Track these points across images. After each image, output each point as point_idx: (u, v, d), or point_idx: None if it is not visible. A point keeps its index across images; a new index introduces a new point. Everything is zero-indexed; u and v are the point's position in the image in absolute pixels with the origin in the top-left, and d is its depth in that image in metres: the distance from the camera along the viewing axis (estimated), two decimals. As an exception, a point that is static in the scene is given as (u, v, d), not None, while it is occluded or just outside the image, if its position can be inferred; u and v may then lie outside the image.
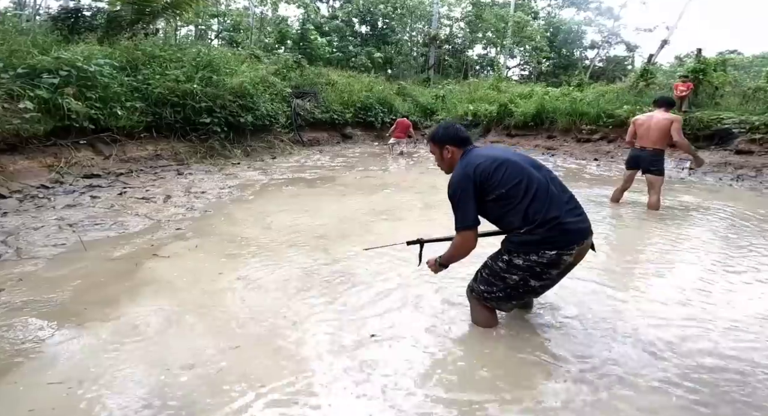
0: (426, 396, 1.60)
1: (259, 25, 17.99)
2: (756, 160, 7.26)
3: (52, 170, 4.81)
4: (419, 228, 3.68)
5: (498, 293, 1.90)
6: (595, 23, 26.24)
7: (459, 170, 1.85)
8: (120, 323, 2.07)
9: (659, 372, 1.76)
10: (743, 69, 14.13)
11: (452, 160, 1.96)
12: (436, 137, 2.00)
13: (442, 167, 2.06)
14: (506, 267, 1.83)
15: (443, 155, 1.98)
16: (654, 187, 4.46)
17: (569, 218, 1.76)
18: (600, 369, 1.77)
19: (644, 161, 4.44)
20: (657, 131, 4.31)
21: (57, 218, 3.70)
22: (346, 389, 1.63)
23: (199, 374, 1.69)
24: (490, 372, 1.74)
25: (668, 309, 2.31)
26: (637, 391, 1.64)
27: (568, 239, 1.75)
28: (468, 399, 1.58)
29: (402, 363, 1.79)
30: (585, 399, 1.59)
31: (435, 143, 2.00)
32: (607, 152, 9.10)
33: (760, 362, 1.84)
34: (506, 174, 1.76)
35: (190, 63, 7.37)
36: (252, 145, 8.09)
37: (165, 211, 4.11)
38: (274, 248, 3.15)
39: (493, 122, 11.77)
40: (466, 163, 1.84)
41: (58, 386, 1.60)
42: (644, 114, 4.64)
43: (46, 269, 2.70)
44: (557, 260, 1.75)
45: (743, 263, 3.04)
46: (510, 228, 1.81)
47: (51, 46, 5.82)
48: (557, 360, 1.82)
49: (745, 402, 1.59)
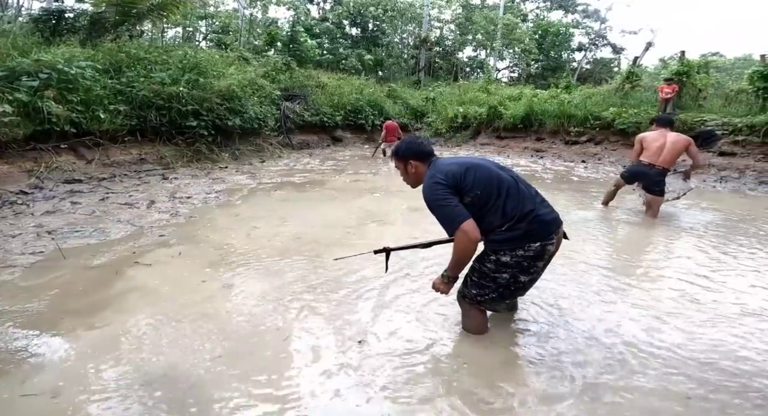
0: (413, 399, 1.58)
1: (249, 27, 17.85)
2: (738, 161, 7.39)
3: (32, 175, 4.69)
4: (407, 232, 3.67)
5: (491, 294, 1.90)
6: (582, 26, 26.64)
7: (428, 181, 1.83)
8: (99, 332, 2.02)
9: (644, 374, 1.76)
10: (725, 71, 14.45)
11: (417, 174, 1.94)
12: (400, 152, 1.98)
13: (408, 182, 2.04)
14: (495, 267, 1.84)
15: (407, 169, 1.96)
16: (652, 207, 4.34)
17: (542, 210, 1.83)
18: (588, 371, 1.76)
19: (648, 179, 4.26)
20: (673, 151, 4.11)
21: (35, 224, 3.60)
22: (331, 395, 1.60)
23: (181, 383, 1.66)
24: (480, 376, 1.73)
25: (654, 310, 2.32)
26: (625, 394, 1.64)
27: (548, 230, 1.82)
28: (456, 401, 1.57)
29: (390, 367, 1.77)
30: (571, 402, 1.58)
31: (399, 159, 1.98)
32: (594, 154, 9.20)
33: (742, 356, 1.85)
34: (477, 176, 1.79)
35: (177, 65, 7.27)
36: (240, 148, 8.00)
37: (148, 217, 4.03)
38: (260, 255, 3.10)
39: (482, 124, 11.84)
40: (433, 173, 1.83)
41: (34, 398, 1.56)
42: (651, 132, 4.35)
43: (23, 277, 2.63)
44: (542, 252, 1.81)
45: (728, 264, 3.08)
46: (491, 228, 1.79)
47: (31, 48, 5.70)
48: (545, 362, 1.82)
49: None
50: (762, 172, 7.00)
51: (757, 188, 6.48)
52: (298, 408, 1.55)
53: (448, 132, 12.55)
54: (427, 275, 2.71)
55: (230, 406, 1.55)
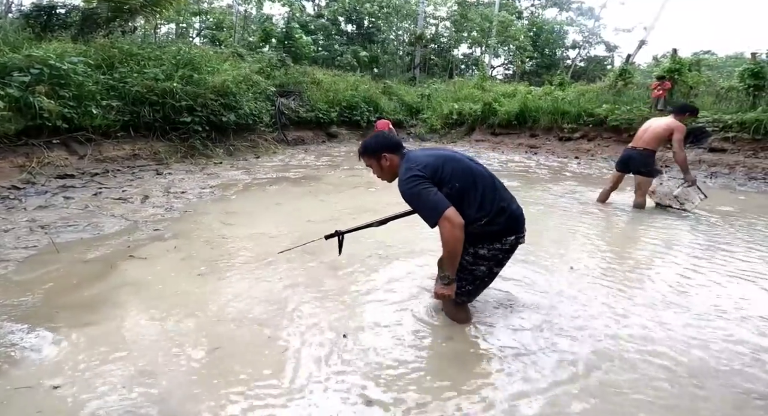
0: (400, 389, 1.60)
1: (243, 23, 17.72)
2: (729, 158, 7.49)
3: (24, 170, 4.66)
4: (401, 224, 3.68)
5: (468, 287, 1.94)
6: (577, 23, 26.72)
7: (405, 173, 1.77)
8: (94, 326, 2.01)
9: (626, 370, 1.80)
10: (717, 69, 14.57)
11: (392, 167, 1.90)
12: (370, 148, 1.92)
13: (384, 178, 1.98)
14: (473, 260, 1.88)
15: (382, 164, 1.91)
16: (641, 188, 4.46)
17: (513, 204, 1.88)
18: (570, 364, 1.80)
19: (634, 162, 4.40)
20: (651, 133, 4.26)
21: (28, 219, 3.59)
22: (324, 386, 1.63)
23: (176, 376, 1.67)
24: (457, 366, 1.76)
25: (637, 306, 2.37)
26: (609, 390, 1.67)
27: (521, 224, 1.90)
28: (436, 386, 1.61)
29: (375, 359, 1.80)
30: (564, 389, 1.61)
31: (370, 156, 1.91)
32: (587, 151, 9.27)
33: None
34: (455, 168, 1.78)
35: (170, 61, 7.22)
36: (235, 144, 7.97)
37: (142, 211, 4.02)
38: (255, 249, 3.11)
39: (477, 121, 11.87)
40: (410, 165, 1.78)
41: (29, 390, 1.56)
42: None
43: (16, 272, 2.62)
44: (515, 245, 1.89)
45: (715, 261, 3.14)
46: (469, 221, 1.73)
47: (22, 44, 5.65)
48: (533, 354, 1.86)
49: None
50: (752, 168, 7.10)
51: (747, 184, 6.57)
52: (291, 399, 1.57)
53: (443, 129, 12.59)
54: (412, 260, 2.74)
55: (221, 402, 1.54)
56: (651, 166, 4.39)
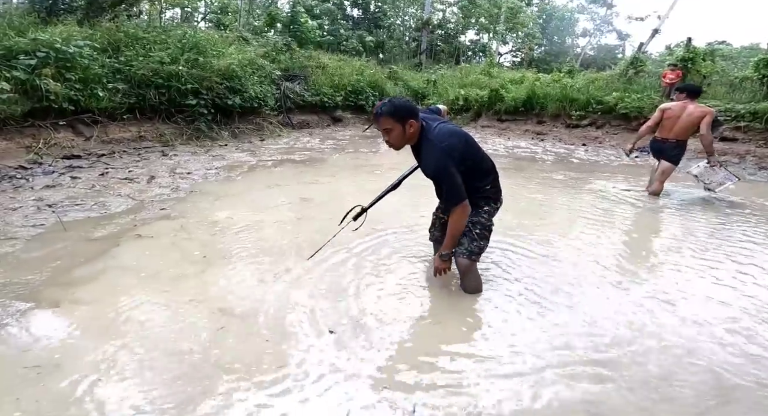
0: (391, 359, 1.62)
1: (248, 7, 17.49)
2: (739, 147, 7.37)
3: (31, 150, 4.69)
4: (406, 203, 3.67)
5: (485, 243, 2.13)
6: (588, 11, 26.04)
7: (436, 151, 1.88)
8: (100, 304, 2.02)
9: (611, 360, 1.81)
10: (731, 59, 14.18)
11: (414, 134, 1.90)
12: (402, 109, 1.84)
13: (399, 143, 1.93)
14: (487, 216, 2.13)
15: (406, 129, 1.87)
16: (664, 173, 4.43)
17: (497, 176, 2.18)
18: (566, 352, 1.81)
19: (665, 153, 4.38)
20: (688, 123, 4.15)
21: (36, 198, 3.62)
22: (322, 371, 1.64)
23: (180, 357, 1.66)
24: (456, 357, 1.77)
25: (631, 296, 2.36)
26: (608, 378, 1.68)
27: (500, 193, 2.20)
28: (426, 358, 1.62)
29: (374, 346, 1.81)
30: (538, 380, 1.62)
31: (398, 119, 1.84)
32: (595, 138, 9.15)
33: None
34: (470, 147, 2.01)
35: (175, 45, 7.17)
36: (240, 127, 7.96)
37: (149, 191, 4.04)
38: (260, 230, 3.12)
39: (484, 106, 11.72)
40: (441, 145, 1.88)
41: (36, 369, 1.56)
42: (674, 103, 4.36)
43: (24, 249, 2.64)
44: (497, 209, 2.19)
45: (721, 252, 3.11)
46: (476, 188, 2.04)
47: (28, 28, 5.62)
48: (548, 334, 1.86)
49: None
50: (762, 158, 6.98)
51: (757, 173, 6.48)
52: (295, 383, 1.58)
53: (449, 114, 12.42)
54: (406, 257, 2.74)
55: (220, 389, 1.50)
56: (681, 156, 4.41)
